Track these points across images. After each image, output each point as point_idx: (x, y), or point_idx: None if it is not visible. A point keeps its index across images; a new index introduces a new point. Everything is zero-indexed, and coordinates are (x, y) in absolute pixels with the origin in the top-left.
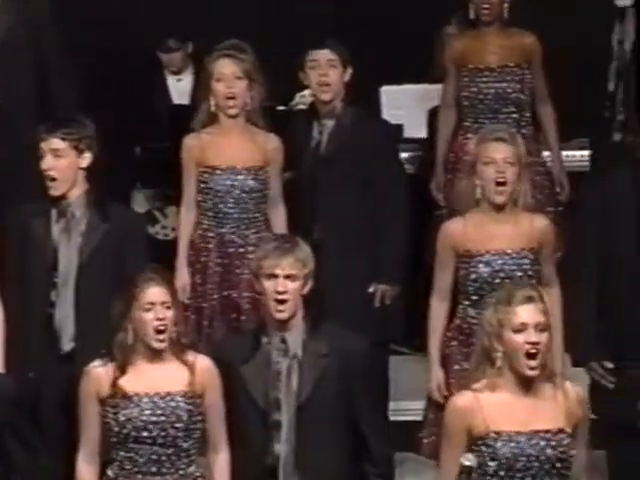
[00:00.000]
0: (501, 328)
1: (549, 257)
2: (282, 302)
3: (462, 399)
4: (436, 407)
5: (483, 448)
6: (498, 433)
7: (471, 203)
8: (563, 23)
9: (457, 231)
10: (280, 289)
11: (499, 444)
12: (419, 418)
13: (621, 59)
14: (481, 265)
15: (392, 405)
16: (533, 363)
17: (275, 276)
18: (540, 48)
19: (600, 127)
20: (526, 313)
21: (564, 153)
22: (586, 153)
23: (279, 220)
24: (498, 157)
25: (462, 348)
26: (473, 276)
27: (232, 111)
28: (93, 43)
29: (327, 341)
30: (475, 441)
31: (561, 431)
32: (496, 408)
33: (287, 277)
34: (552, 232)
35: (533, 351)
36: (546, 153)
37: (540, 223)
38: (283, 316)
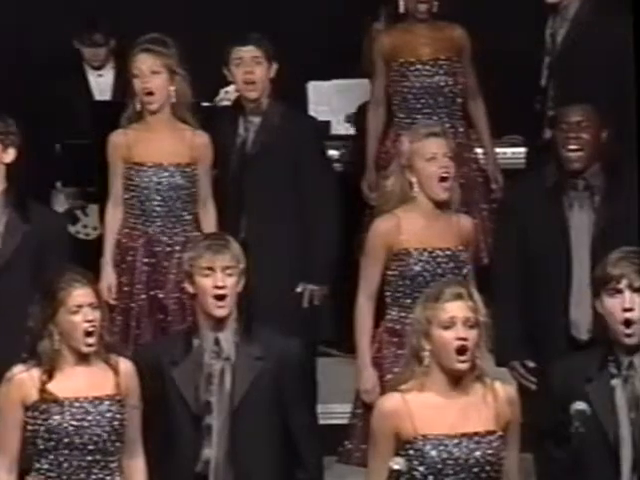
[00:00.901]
0: (429, 325)
1: (470, 258)
2: (221, 298)
3: (389, 402)
4: (365, 412)
5: (411, 452)
6: (426, 436)
7: (404, 200)
8: (495, 19)
9: (391, 229)
10: (219, 283)
11: (428, 448)
12: (346, 421)
13: (553, 54)
14: (418, 263)
15: (320, 408)
16: (462, 357)
17: (212, 271)
18: (469, 42)
19: (533, 124)
20: (454, 309)
21: (497, 150)
22: (518, 150)
23: (209, 219)
24: (439, 152)
25: (396, 350)
26: (410, 274)
27: (151, 107)
28: (12, 40)
29: (261, 343)
30: (403, 445)
31: (490, 433)
32: (424, 410)
33: (225, 272)
34: (475, 232)
35: (462, 347)
36: (478, 150)
37: (467, 222)
38: (223, 312)
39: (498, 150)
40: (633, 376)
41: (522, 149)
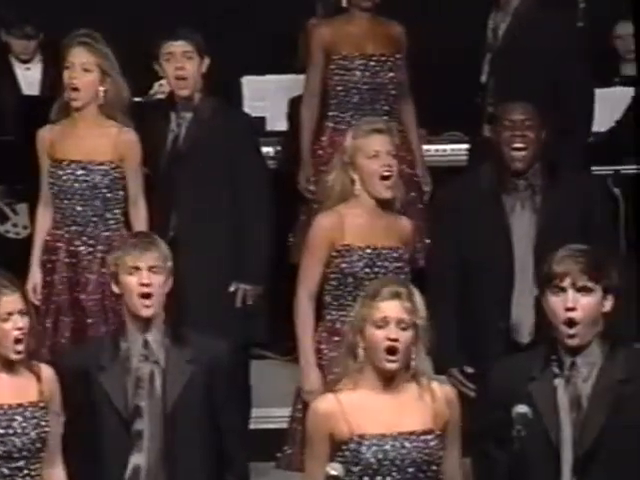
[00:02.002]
0: (364, 322)
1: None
2: (147, 296)
3: (323, 403)
4: (305, 416)
5: (347, 453)
6: (362, 437)
7: (345, 197)
8: (435, 14)
9: (334, 225)
10: (145, 281)
11: (363, 448)
12: (284, 426)
13: (494, 50)
14: (359, 261)
15: (255, 412)
16: (392, 357)
17: (138, 269)
18: (406, 39)
19: (473, 120)
20: (389, 308)
21: (435, 147)
22: (458, 147)
23: (140, 218)
24: (382, 150)
25: (335, 350)
26: (351, 272)
27: (75, 103)
28: None
29: (191, 346)
30: (339, 446)
31: (427, 432)
32: (359, 410)
33: (151, 270)
34: (413, 236)
35: (392, 348)
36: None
37: (407, 223)
38: (148, 312)
39: (438, 147)
40: (575, 376)
41: (462, 146)
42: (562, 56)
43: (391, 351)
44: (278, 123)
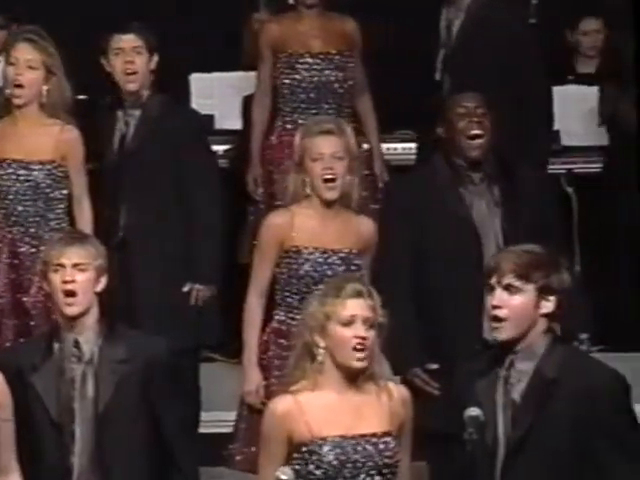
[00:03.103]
0: (327, 321)
1: (368, 264)
2: (71, 294)
3: (282, 404)
4: (250, 415)
5: (307, 455)
6: (323, 439)
7: (297, 197)
8: (387, 10)
9: (284, 225)
10: (67, 278)
11: (325, 450)
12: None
13: (448, 47)
14: (308, 262)
15: (204, 416)
16: (361, 355)
17: (62, 266)
18: (360, 35)
19: (425, 119)
20: (355, 306)
21: (386, 146)
22: (409, 145)
23: (84, 218)
24: (326, 152)
25: (282, 352)
26: (299, 273)
27: (17, 100)
28: None
29: (125, 346)
30: (299, 448)
31: (387, 434)
32: (319, 411)
33: (76, 267)
34: (376, 237)
35: (360, 346)
36: (366, 146)
37: (367, 226)
38: (72, 311)
39: (389, 146)
40: (513, 376)
41: (414, 144)
42: (516, 53)
43: (359, 349)
44: (226, 121)
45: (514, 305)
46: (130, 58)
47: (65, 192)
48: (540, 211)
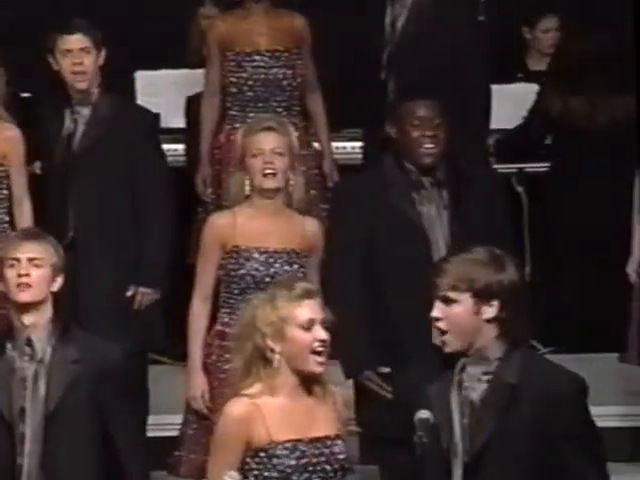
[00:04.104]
0: (283, 324)
1: (315, 265)
2: (26, 286)
3: (239, 407)
4: (197, 420)
5: (265, 459)
6: (280, 442)
7: (239, 197)
8: (336, 7)
9: (226, 225)
10: (22, 272)
11: (283, 454)
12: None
13: (392, 44)
14: (250, 263)
15: (151, 419)
16: (320, 359)
17: (17, 260)
18: (310, 32)
19: (372, 118)
20: (313, 309)
21: (335, 144)
22: (357, 144)
23: (24, 220)
24: (266, 148)
25: (226, 355)
26: (239, 273)
27: None
28: None
29: (78, 346)
30: (256, 452)
31: (338, 437)
32: (276, 415)
33: (31, 262)
34: (322, 238)
35: (320, 349)
36: (316, 145)
37: (312, 227)
38: (24, 297)
39: (337, 144)
40: (466, 380)
41: (362, 143)
42: (460, 50)
43: (319, 353)
44: (172, 120)
45: (452, 316)
46: (78, 60)
47: (6, 192)
48: (490, 211)
